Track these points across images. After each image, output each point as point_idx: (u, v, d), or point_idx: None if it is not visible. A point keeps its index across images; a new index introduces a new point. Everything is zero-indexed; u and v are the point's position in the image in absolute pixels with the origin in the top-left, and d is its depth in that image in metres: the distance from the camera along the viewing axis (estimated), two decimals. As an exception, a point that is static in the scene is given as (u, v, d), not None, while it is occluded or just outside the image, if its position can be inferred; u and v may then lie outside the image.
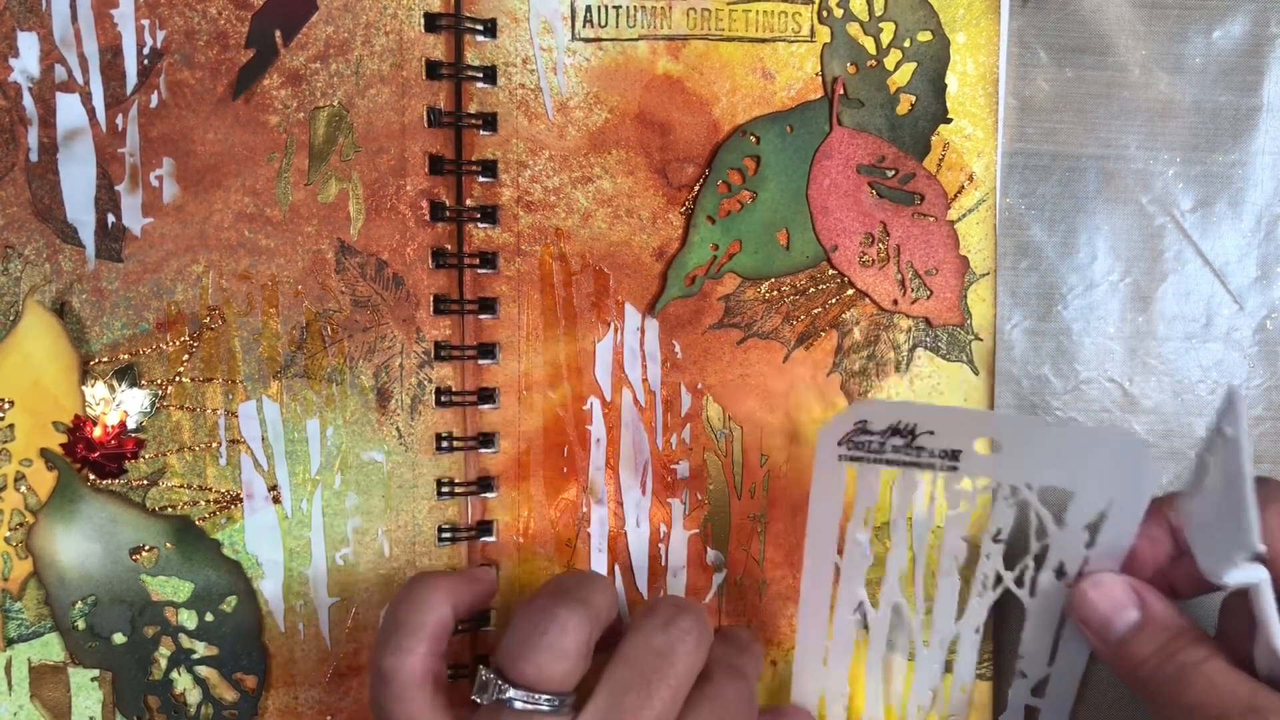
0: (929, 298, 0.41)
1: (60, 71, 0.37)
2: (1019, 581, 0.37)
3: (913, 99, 0.41)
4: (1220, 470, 0.31)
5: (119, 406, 0.38)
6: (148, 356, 0.38)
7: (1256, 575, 0.30)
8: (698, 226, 0.40)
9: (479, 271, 0.39)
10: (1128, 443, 0.34)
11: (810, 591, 0.38)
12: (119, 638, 0.39)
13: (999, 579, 0.37)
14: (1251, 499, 0.29)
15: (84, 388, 0.38)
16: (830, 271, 0.41)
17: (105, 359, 0.38)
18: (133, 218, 0.38)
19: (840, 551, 0.38)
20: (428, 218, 0.39)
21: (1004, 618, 0.41)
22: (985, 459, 0.35)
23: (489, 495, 0.40)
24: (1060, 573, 0.36)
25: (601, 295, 0.40)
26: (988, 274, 0.41)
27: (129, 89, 0.38)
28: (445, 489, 0.40)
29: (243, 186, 0.38)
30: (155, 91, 0.38)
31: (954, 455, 0.35)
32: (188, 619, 0.39)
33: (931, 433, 0.35)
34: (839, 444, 0.36)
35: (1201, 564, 0.32)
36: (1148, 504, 0.34)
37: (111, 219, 0.38)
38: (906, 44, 0.40)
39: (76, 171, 0.38)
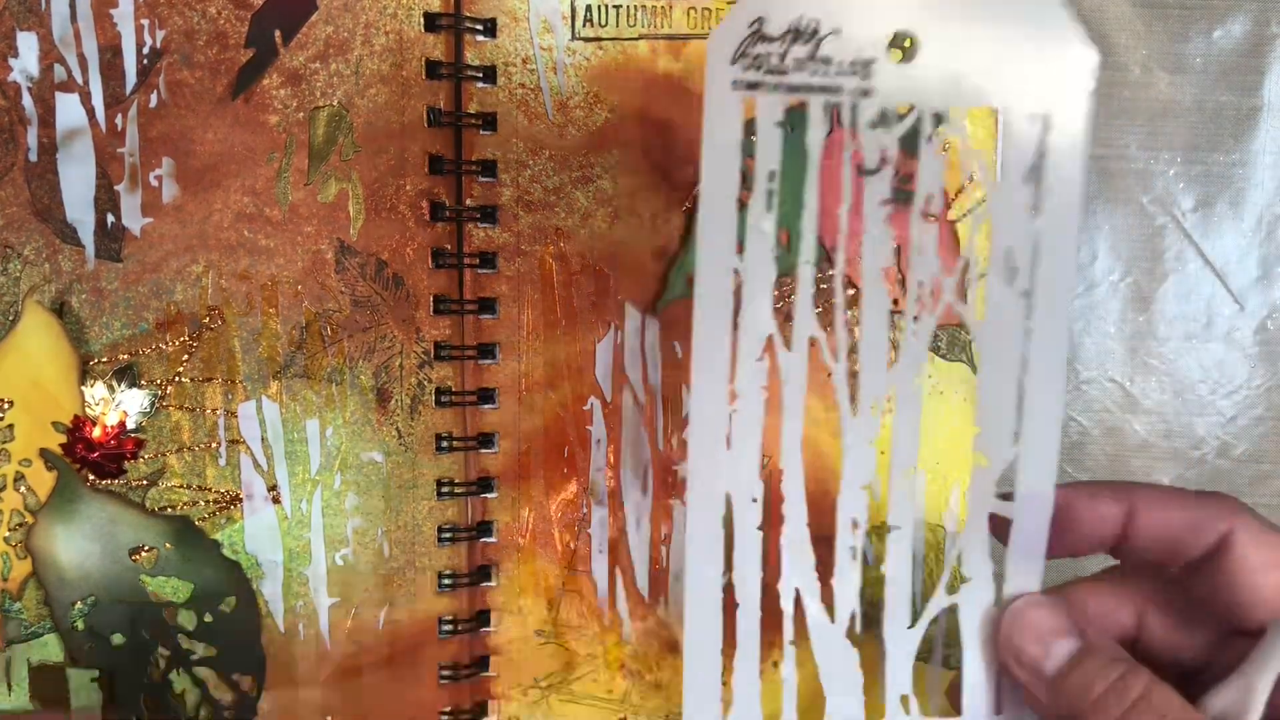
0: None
1: (59, 71, 0.37)
2: (962, 294, 0.31)
3: (913, 99, 0.40)
4: None
5: (118, 406, 0.38)
6: (147, 356, 0.38)
7: None
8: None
9: (479, 271, 0.39)
10: (1061, 23, 0.28)
11: (703, 328, 0.29)
12: (118, 638, 0.39)
13: (936, 289, 0.31)
14: None
15: (83, 388, 0.38)
16: (831, 271, 0.41)
17: (105, 359, 0.38)
18: (132, 218, 0.38)
19: (740, 249, 0.29)
20: (428, 218, 0.39)
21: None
22: (901, 73, 0.29)
23: (489, 495, 0.40)
24: (1014, 267, 0.30)
25: (601, 295, 0.40)
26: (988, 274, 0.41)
27: (128, 89, 0.38)
28: (445, 489, 0.40)
29: (242, 186, 0.38)
30: (155, 91, 0.38)
31: (867, 69, 0.28)
32: (187, 619, 0.39)
33: (838, 31, 0.28)
34: (732, 62, 0.28)
35: None
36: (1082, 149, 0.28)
37: (111, 219, 0.38)
38: (907, 44, 0.40)
39: (76, 171, 0.38)
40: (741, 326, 0.29)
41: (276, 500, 0.39)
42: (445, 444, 0.40)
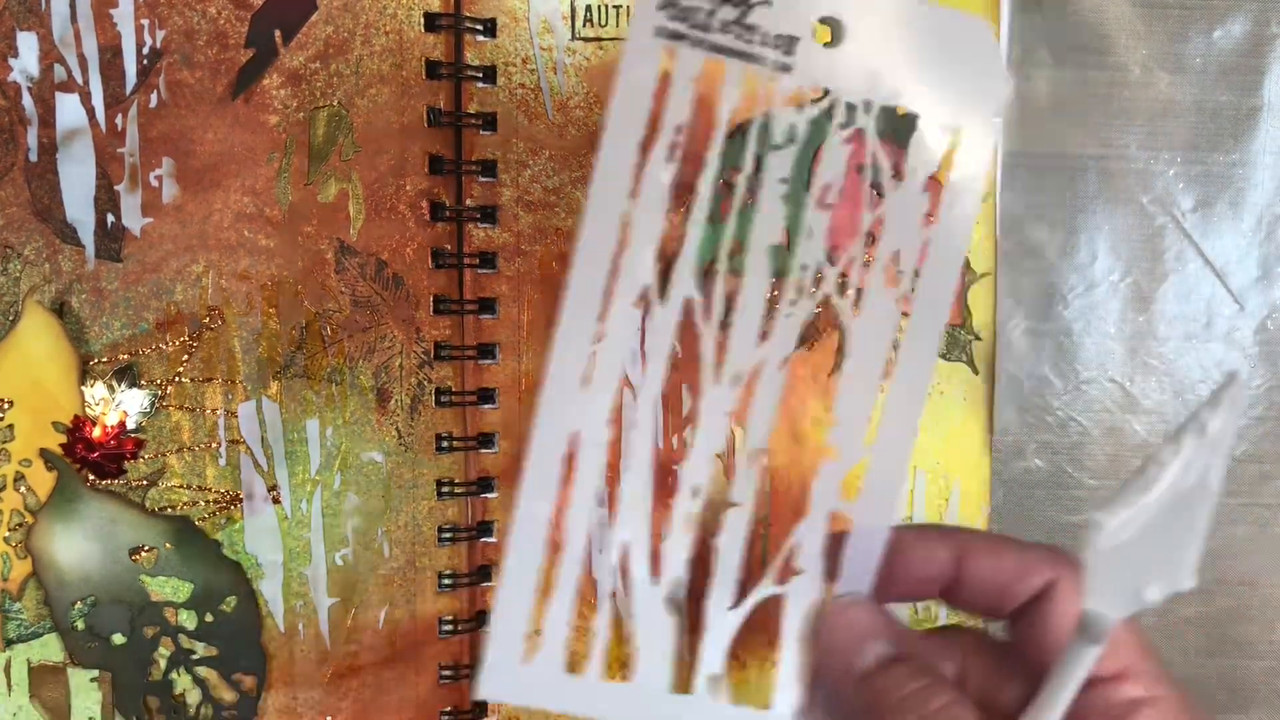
0: (929, 298, 0.41)
1: (60, 71, 0.37)
2: (842, 288, 0.30)
3: (913, 99, 0.40)
4: (1179, 475, 0.24)
5: (118, 407, 0.38)
6: (147, 356, 0.38)
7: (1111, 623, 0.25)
8: (698, 226, 0.40)
9: (479, 271, 0.39)
10: (986, 48, 0.28)
11: (582, 263, 0.28)
12: (118, 638, 0.39)
13: (819, 276, 0.30)
14: (1206, 522, 0.24)
15: (83, 388, 0.38)
16: (831, 271, 0.41)
17: (105, 359, 0.38)
18: (132, 218, 0.38)
19: (635, 193, 0.28)
20: (428, 218, 0.39)
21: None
22: (823, 56, 0.28)
23: (489, 495, 0.40)
24: (899, 270, 0.29)
25: (602, 295, 0.40)
26: (988, 274, 0.41)
27: (128, 89, 0.38)
28: (445, 489, 0.40)
29: (242, 186, 0.38)
30: (155, 91, 0.38)
31: (790, 45, 0.28)
32: (187, 619, 0.39)
33: (769, 2, 0.28)
34: (659, 8, 0.28)
35: (1088, 601, 0.25)
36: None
37: (111, 219, 0.38)
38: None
39: (76, 171, 0.38)
40: (621, 270, 0.29)
41: (276, 500, 0.39)
42: (445, 444, 0.40)
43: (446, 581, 0.40)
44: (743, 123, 0.30)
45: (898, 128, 0.29)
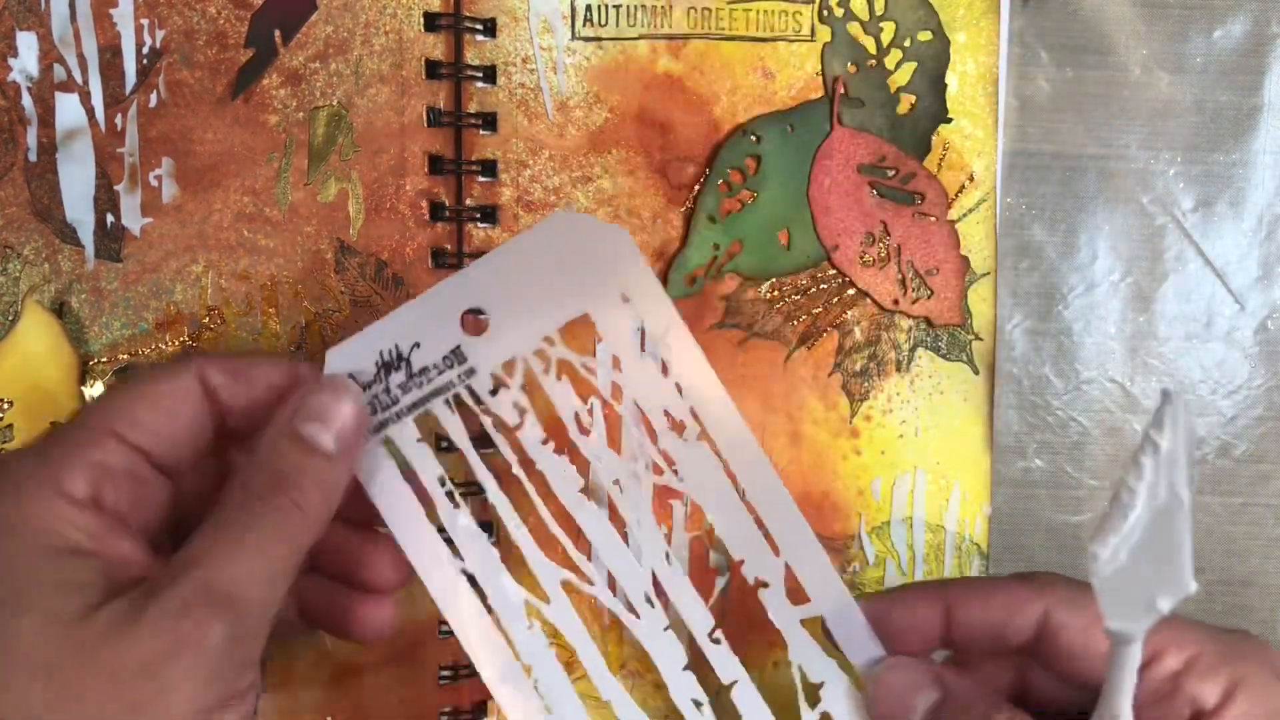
0: (930, 297, 0.41)
1: (59, 71, 0.37)
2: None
3: (913, 99, 0.41)
4: (1149, 494, 0.26)
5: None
6: (147, 357, 0.38)
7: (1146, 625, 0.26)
8: (698, 226, 0.40)
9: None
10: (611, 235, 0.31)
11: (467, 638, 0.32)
12: (118, 639, 0.39)
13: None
14: (1187, 529, 0.25)
15: (83, 388, 0.38)
16: (831, 271, 0.41)
17: (105, 359, 0.38)
18: (132, 218, 0.38)
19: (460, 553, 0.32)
20: (427, 218, 0.39)
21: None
22: (482, 343, 0.31)
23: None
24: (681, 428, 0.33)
25: (602, 295, 0.40)
26: (988, 274, 0.41)
27: (128, 89, 0.38)
28: (446, 489, 0.40)
29: (242, 186, 0.38)
30: (154, 91, 0.38)
31: (459, 356, 0.31)
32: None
33: (418, 344, 0.31)
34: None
35: (1109, 622, 0.27)
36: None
37: (110, 219, 0.38)
38: (907, 43, 0.40)
39: (75, 171, 0.38)
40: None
41: (276, 500, 0.39)
42: (445, 444, 0.39)
43: (446, 582, 0.40)
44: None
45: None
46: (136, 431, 0.29)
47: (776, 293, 0.41)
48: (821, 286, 0.41)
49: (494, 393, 0.32)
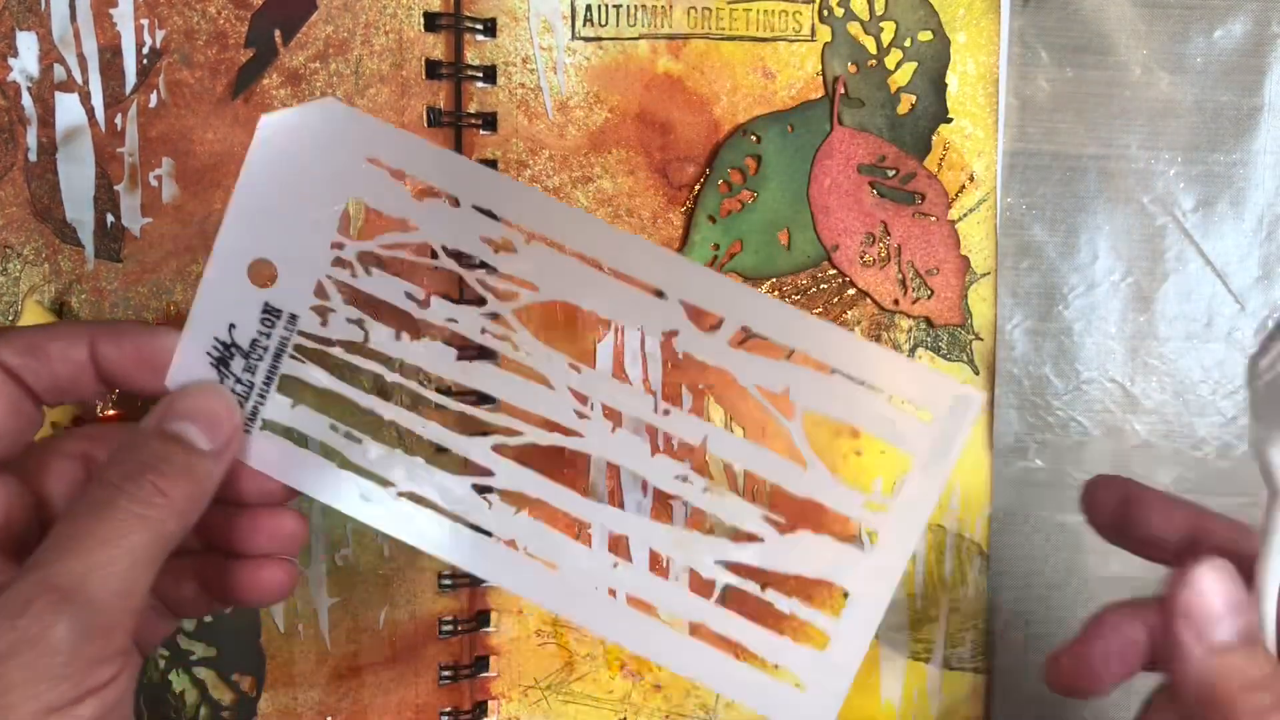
0: (930, 297, 0.41)
1: (59, 71, 0.37)
2: None
3: (913, 99, 0.40)
4: None
5: (118, 407, 0.38)
6: (147, 356, 0.38)
7: None
8: (699, 226, 0.40)
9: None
10: None
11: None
12: (118, 639, 0.39)
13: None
14: None
15: (83, 388, 0.38)
16: (831, 271, 0.41)
17: (104, 359, 0.38)
18: (132, 218, 0.38)
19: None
20: (427, 217, 0.39)
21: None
22: (282, 287, 0.30)
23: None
24: None
25: (602, 295, 0.40)
26: (988, 274, 0.41)
27: (128, 89, 0.38)
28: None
29: (242, 186, 0.38)
30: (154, 91, 0.38)
31: (273, 311, 0.30)
32: (186, 619, 0.39)
33: (233, 325, 0.30)
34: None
35: (1254, 436, 0.28)
36: None
37: (110, 219, 0.38)
38: (907, 43, 0.40)
39: (75, 171, 0.38)
40: None
41: (276, 500, 0.39)
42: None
43: (446, 582, 0.40)
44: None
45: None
46: None
47: (777, 293, 0.41)
48: (822, 286, 0.41)
49: (325, 323, 0.30)
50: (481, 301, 0.30)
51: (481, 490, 0.31)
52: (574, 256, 0.29)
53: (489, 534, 0.31)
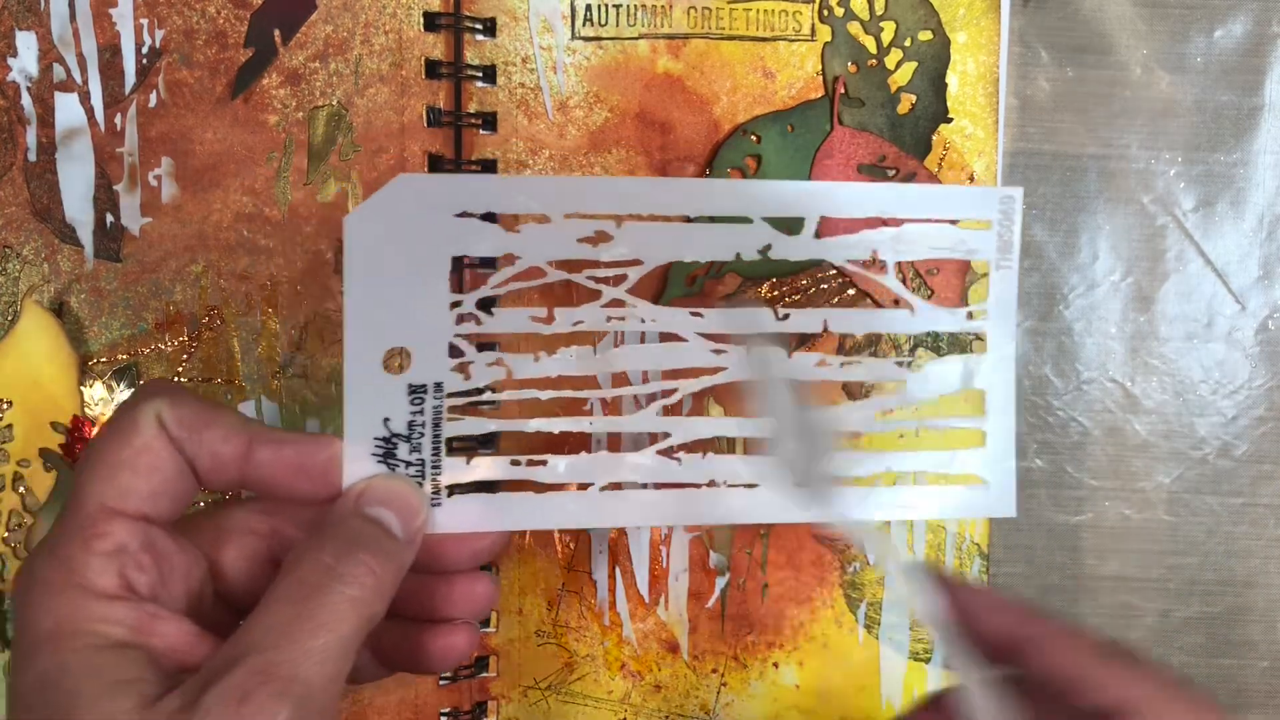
0: (930, 298, 0.41)
1: (59, 71, 0.37)
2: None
3: (913, 98, 0.40)
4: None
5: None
6: (146, 357, 0.38)
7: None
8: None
9: (479, 271, 0.39)
10: None
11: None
12: (118, 639, 0.39)
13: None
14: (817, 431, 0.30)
15: (82, 388, 0.38)
16: (831, 271, 0.41)
17: (104, 359, 0.38)
18: (131, 217, 0.38)
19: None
20: (427, 217, 0.39)
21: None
22: (417, 368, 0.31)
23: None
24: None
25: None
26: (988, 274, 0.41)
27: (128, 88, 0.38)
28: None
29: (241, 186, 0.38)
30: (154, 91, 0.38)
31: (418, 390, 0.31)
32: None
33: (388, 418, 0.31)
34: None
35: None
36: None
37: (110, 219, 0.38)
38: (907, 43, 0.40)
39: (75, 171, 0.38)
40: None
41: (276, 500, 0.39)
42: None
43: (446, 582, 0.40)
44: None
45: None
46: (132, 500, 0.27)
47: (777, 293, 0.41)
48: (822, 287, 0.41)
49: (468, 377, 0.32)
50: (597, 295, 0.33)
51: (666, 453, 0.33)
52: (662, 221, 0.32)
53: (694, 486, 0.33)
